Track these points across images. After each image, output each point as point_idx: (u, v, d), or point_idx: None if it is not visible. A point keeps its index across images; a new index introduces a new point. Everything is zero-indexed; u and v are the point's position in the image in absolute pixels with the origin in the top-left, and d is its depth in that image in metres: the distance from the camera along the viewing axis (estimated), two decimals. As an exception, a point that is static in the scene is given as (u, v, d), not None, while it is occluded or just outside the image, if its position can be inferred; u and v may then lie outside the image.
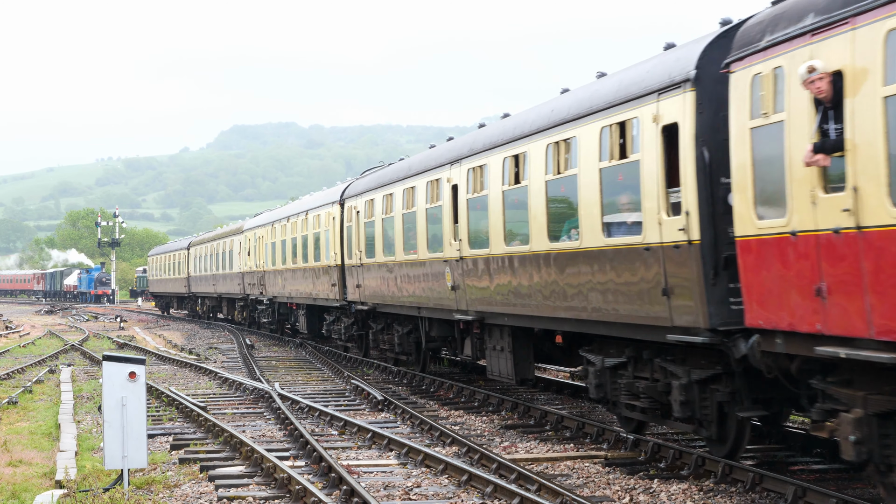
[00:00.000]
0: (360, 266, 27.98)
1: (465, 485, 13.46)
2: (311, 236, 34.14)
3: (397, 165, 26.58)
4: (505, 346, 19.28)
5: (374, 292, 26.71)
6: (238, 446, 16.23)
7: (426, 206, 22.37)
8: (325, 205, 32.43)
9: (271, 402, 21.60)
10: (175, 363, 33.45)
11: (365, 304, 27.88)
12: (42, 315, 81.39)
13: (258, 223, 45.04)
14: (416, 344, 25.31)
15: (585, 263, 15.13)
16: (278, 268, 39.78)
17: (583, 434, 17.00)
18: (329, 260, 31.37)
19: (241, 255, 48.06)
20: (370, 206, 27.04)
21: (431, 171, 22.27)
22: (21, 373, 31.46)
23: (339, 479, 13.43)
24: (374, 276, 26.67)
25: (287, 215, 38.93)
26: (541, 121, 16.93)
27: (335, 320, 33.00)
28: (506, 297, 18.28)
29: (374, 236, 26.53)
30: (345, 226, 29.85)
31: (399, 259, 24.30)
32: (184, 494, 13.47)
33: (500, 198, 18.32)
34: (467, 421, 19.43)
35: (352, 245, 28.80)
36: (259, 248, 43.75)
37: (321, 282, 32.59)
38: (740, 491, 12.70)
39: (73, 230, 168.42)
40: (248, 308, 49.68)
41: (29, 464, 16.23)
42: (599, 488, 13.30)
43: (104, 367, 13.98)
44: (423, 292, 22.69)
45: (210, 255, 57.20)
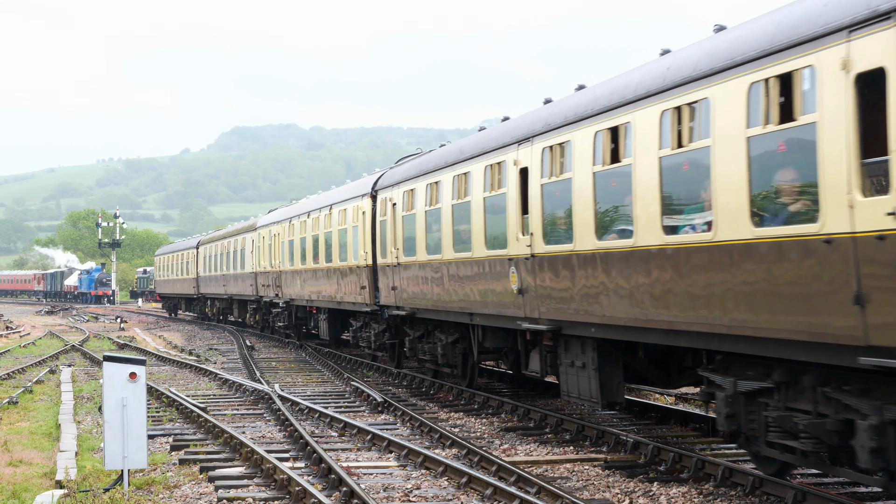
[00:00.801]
0: (395, 266, 24.78)
1: (464, 487, 13.47)
2: (335, 233, 31.19)
3: (444, 149, 23.18)
4: (587, 361, 16.03)
5: (414, 296, 23.56)
6: (238, 447, 16.24)
7: (484, 195, 19.17)
8: (354, 198, 29.27)
9: (271, 404, 21.61)
10: (175, 364, 33.45)
11: (401, 309, 24.77)
12: (42, 315, 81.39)
13: (273, 219, 42.02)
14: (463, 355, 22.37)
15: (719, 262, 11.87)
16: (296, 268, 36.82)
17: (582, 437, 17.00)
18: (357, 259, 28.40)
19: (254, 255, 45.40)
20: (410, 197, 23.74)
21: (491, 153, 18.95)
22: (21, 373, 31.46)
23: (338, 480, 13.43)
24: (413, 278, 23.48)
25: (307, 210, 35.64)
26: (651, 81, 13.60)
27: (363, 326, 30.19)
28: (593, 304, 14.99)
29: (414, 232, 23.27)
30: (377, 221, 26.53)
31: (447, 258, 21.06)
32: (184, 495, 13.47)
33: (590, 182, 14.90)
34: (467, 423, 19.44)
35: (386, 242, 25.55)
36: (275, 246, 40.82)
37: (347, 284, 29.68)
38: (740, 495, 12.70)
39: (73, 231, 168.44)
40: (262, 311, 47.04)
41: (29, 464, 16.23)
42: (599, 491, 13.30)
43: (105, 368, 13.99)
44: (478, 296, 19.62)
45: (220, 254, 54.38)
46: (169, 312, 76.09)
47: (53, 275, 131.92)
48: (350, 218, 29.37)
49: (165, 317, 73.29)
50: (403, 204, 24.14)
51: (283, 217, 40.05)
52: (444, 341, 22.71)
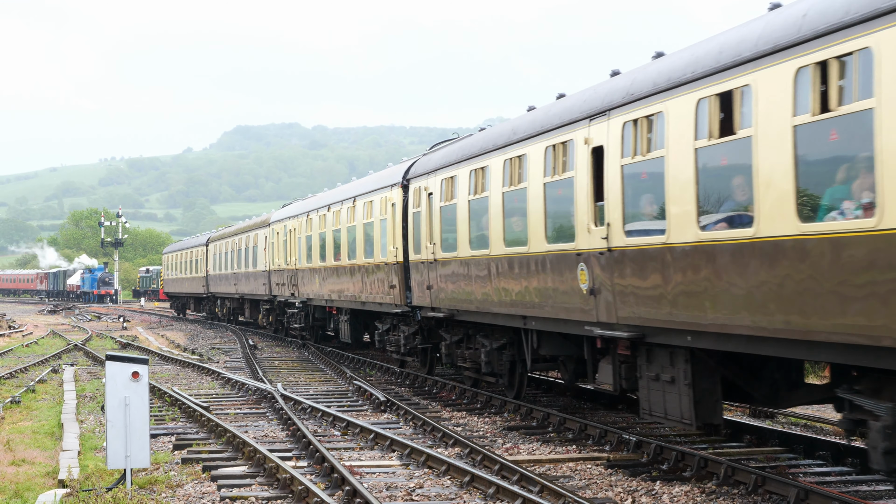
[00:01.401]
0: (431, 263, 22.39)
1: (467, 486, 13.46)
2: (359, 228, 28.77)
3: (491, 131, 20.35)
4: (678, 375, 13.56)
5: (453, 296, 21.13)
6: (241, 446, 16.24)
7: (544, 181, 16.60)
8: (381, 189, 26.76)
9: (274, 403, 21.61)
10: (178, 363, 33.46)
11: (438, 311, 22.31)
12: (45, 315, 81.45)
13: (289, 214, 39.41)
14: (511, 363, 20.04)
15: (886, 255, 9.50)
16: (315, 266, 34.29)
17: (585, 436, 17.00)
18: (385, 256, 26.02)
19: (267, 252, 42.81)
20: (449, 185, 21.27)
21: (553, 132, 16.37)
22: (24, 372, 31.48)
23: (341, 479, 13.43)
24: (453, 276, 21.04)
25: (327, 203, 33.13)
26: (782, 33, 11.04)
27: (391, 329, 27.72)
28: (692, 308, 12.55)
29: (455, 224, 20.83)
30: (409, 213, 24.18)
31: (496, 253, 18.64)
32: (186, 494, 13.47)
33: (690, 160, 12.41)
34: (470, 422, 19.43)
35: (420, 237, 23.14)
36: (290, 242, 38.29)
37: (373, 282, 27.24)
38: (742, 493, 12.70)
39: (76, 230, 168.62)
40: (276, 311, 44.38)
41: (32, 463, 16.24)
42: (602, 490, 13.30)
43: (107, 367, 13.98)
44: (535, 297, 17.09)
45: (231, 251, 51.90)
46: (177, 312, 74.15)
47: (56, 274, 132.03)
48: (377, 210, 27.02)
49: (168, 316, 73.26)
50: (441, 193, 21.78)
51: (299, 211, 37.49)
52: (488, 347, 20.37)
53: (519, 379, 20.22)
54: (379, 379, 27.19)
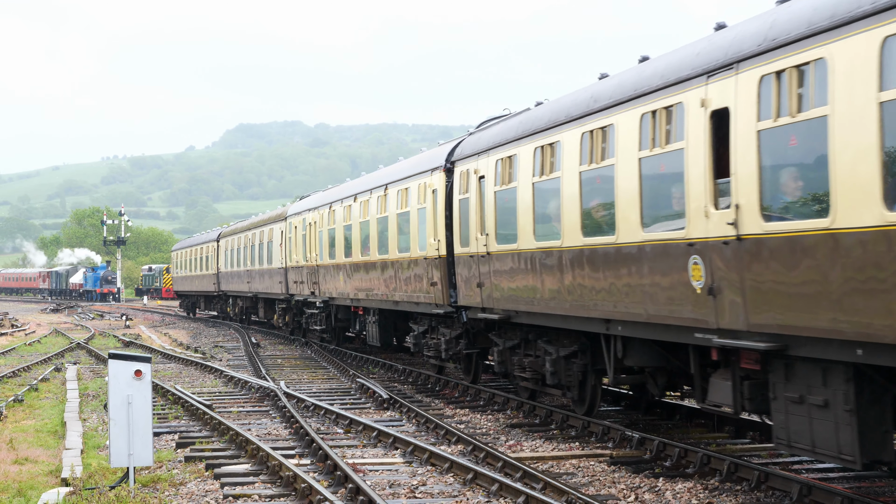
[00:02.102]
0: (483, 257, 19.63)
1: (470, 483, 13.46)
2: (392, 219, 25.90)
3: (562, 100, 17.28)
4: (834, 398, 10.76)
5: (511, 295, 18.45)
6: (244, 444, 16.25)
7: (640, 155, 13.78)
8: (419, 174, 23.84)
9: (277, 401, 21.62)
10: (181, 361, 33.48)
11: (490, 312, 19.61)
12: (48, 313, 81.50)
13: (308, 206, 36.43)
14: (582, 373, 17.38)
15: None
16: (338, 262, 31.30)
17: (588, 433, 16.99)
18: (424, 250, 23.17)
19: (284, 247, 39.95)
20: (507, 166, 18.51)
21: (651, 95, 13.58)
22: (27, 371, 31.50)
23: (344, 477, 13.44)
24: (512, 272, 18.40)
25: (352, 193, 30.25)
26: None
27: (428, 332, 24.86)
28: (872, 313, 9.79)
29: (514, 212, 18.06)
30: (455, 200, 21.31)
31: (570, 244, 15.79)
32: (189, 492, 13.48)
33: (873, 117, 9.62)
34: (473, 419, 19.43)
35: (469, 226, 20.31)
36: (310, 237, 35.28)
37: (409, 279, 24.49)
38: (745, 489, 12.69)
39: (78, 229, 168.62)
40: (293, 311, 41.38)
41: (35, 462, 16.25)
42: (605, 487, 13.30)
43: (110, 366, 13.99)
44: (624, 296, 14.24)
45: (244, 247, 49.00)
46: (187, 311, 71.66)
47: (59, 273, 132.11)
48: (414, 199, 24.16)
49: (171, 314, 73.25)
50: (496, 176, 18.94)
51: (320, 203, 34.55)
52: (554, 355, 17.64)
53: (591, 392, 17.39)
54: (381, 377, 27.19)
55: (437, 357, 24.10)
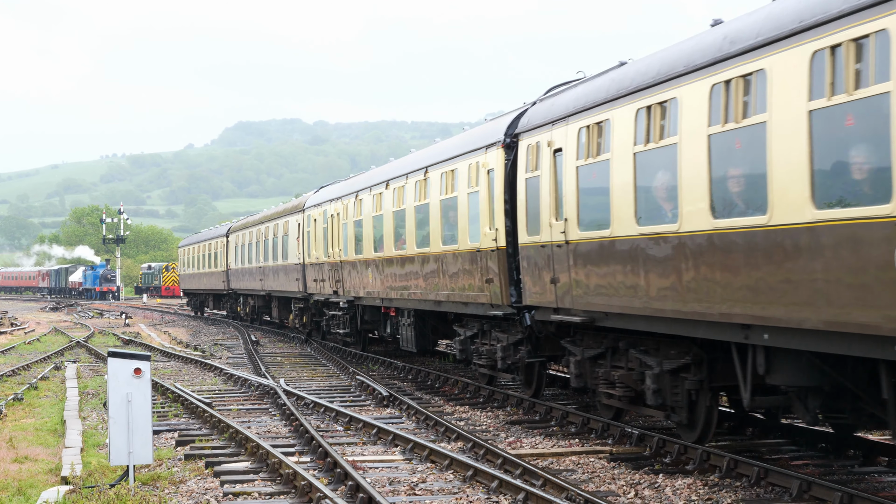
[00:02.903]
0: (561, 247, 16.33)
1: (470, 480, 13.47)
2: (435, 206, 22.50)
3: (676, 48, 13.95)
4: None
5: (600, 292, 15.18)
6: (243, 442, 16.25)
7: (809, 107, 10.54)
8: (470, 153, 20.54)
9: (276, 399, 21.62)
10: (180, 360, 33.48)
11: (570, 314, 16.34)
12: (47, 312, 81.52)
13: (330, 196, 33.24)
14: (695, 392, 14.13)
15: None
16: (367, 257, 28.10)
17: (588, 429, 16.99)
18: (477, 241, 20.04)
19: (301, 242, 36.81)
20: (594, 135, 15.24)
21: (826, 26, 10.33)
22: (26, 369, 31.50)
23: (344, 474, 13.44)
24: (601, 264, 15.13)
25: (384, 179, 26.85)
26: None
27: (479, 336, 21.62)
28: None
29: (606, 190, 14.79)
30: (520, 180, 18.07)
31: (694, 228, 12.61)
32: (189, 490, 13.49)
33: None
34: (472, 416, 19.44)
35: (539, 211, 17.10)
36: (333, 230, 32.10)
37: (457, 276, 21.31)
38: (745, 486, 12.70)
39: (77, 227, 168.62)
40: (311, 312, 38.14)
41: (34, 460, 16.25)
42: (605, 483, 13.30)
43: (109, 364, 13.99)
44: (782, 295, 11.14)
45: (256, 242, 45.97)
46: (195, 311, 68.72)
47: (58, 271, 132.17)
48: (462, 182, 20.96)
49: (171, 312, 73.23)
50: (580, 148, 15.78)
51: (344, 192, 31.21)
52: (655, 368, 14.52)
53: (706, 415, 14.13)
54: (381, 374, 27.19)
55: (491, 366, 20.98)
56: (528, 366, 19.77)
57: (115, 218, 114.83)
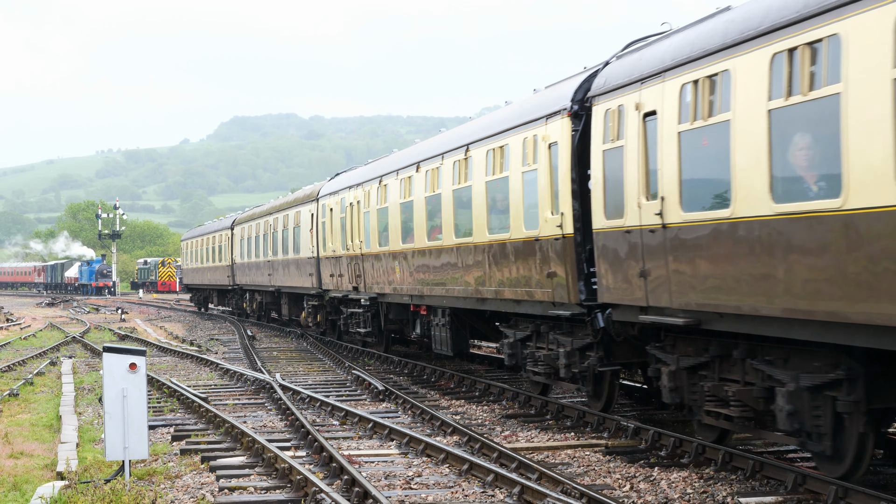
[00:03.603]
0: (653, 232, 13.56)
1: (465, 474, 13.48)
2: (479, 189, 19.73)
3: None
4: None
5: (714, 286, 12.36)
6: (239, 437, 16.26)
7: None
8: (525, 125, 17.63)
9: (272, 393, 21.62)
10: (176, 355, 33.48)
11: (661, 313, 13.70)
12: (43, 307, 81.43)
13: (348, 183, 30.37)
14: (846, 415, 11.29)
15: None
16: (393, 249, 25.47)
17: (583, 423, 17.00)
18: (536, 228, 17.22)
19: (315, 234, 34.12)
20: (703, 92, 12.47)
21: None
22: (22, 365, 31.48)
23: (340, 468, 13.45)
24: (715, 252, 12.28)
25: (414, 162, 23.90)
26: None
27: (532, 338, 18.71)
28: None
29: (723, 158, 11.99)
30: (597, 153, 15.05)
31: (864, 204, 9.92)
32: (185, 485, 13.49)
33: None
34: (468, 410, 19.45)
35: (624, 189, 14.13)
36: (352, 220, 29.34)
37: (508, 269, 18.50)
38: (741, 479, 12.72)
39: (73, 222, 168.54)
40: (326, 309, 35.20)
41: (30, 455, 16.25)
42: (600, 476, 13.32)
43: (105, 359, 13.98)
44: None
45: (263, 234, 43.38)
46: (198, 306, 65.57)
47: (54, 266, 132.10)
48: (515, 159, 18.13)
49: (167, 308, 73.16)
50: (682, 109, 13.01)
51: (366, 177, 28.38)
52: (789, 384, 11.68)
53: (857, 445, 11.32)
54: (377, 368, 27.20)
55: (550, 374, 18.15)
56: (598, 375, 16.92)
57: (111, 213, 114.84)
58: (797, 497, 11.67)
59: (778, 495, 11.80)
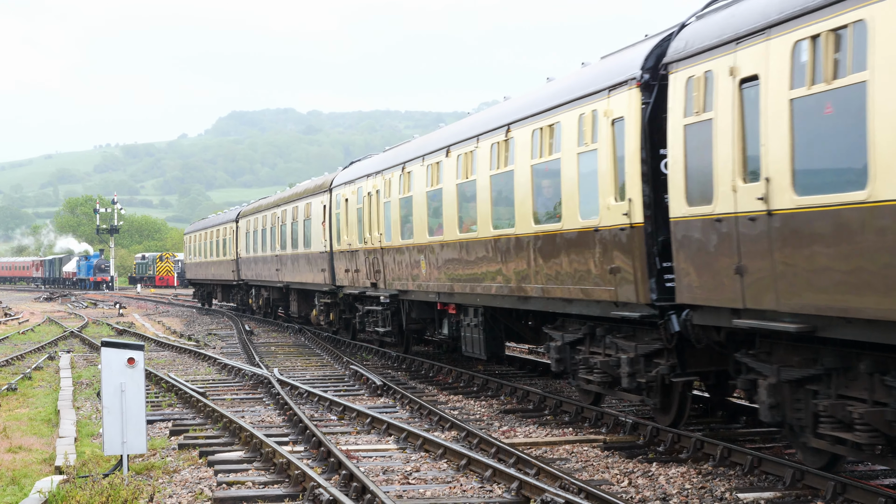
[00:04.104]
0: (754, 220, 11.43)
1: (463, 469, 13.48)
2: (524, 174, 17.49)
3: None
4: None
5: (834, 288, 10.28)
6: (237, 432, 16.25)
7: None
8: (581, 99, 15.47)
9: (270, 388, 21.62)
10: (174, 349, 33.47)
11: (763, 316, 11.59)
12: (41, 302, 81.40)
13: (365, 171, 28.32)
14: None
15: None
16: (418, 242, 23.20)
17: (581, 418, 17.01)
18: (595, 216, 15.11)
19: (329, 226, 32.06)
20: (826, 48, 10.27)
21: None
22: (20, 359, 31.48)
23: (338, 463, 13.45)
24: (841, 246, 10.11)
25: (442, 146, 21.61)
26: None
27: (585, 341, 16.52)
28: None
29: (861, 131, 9.75)
30: (676, 127, 12.97)
31: None
32: (183, 480, 13.49)
33: None
34: (466, 406, 19.45)
35: (714, 169, 12.09)
36: (370, 211, 27.13)
37: (559, 262, 16.28)
38: (739, 474, 12.73)
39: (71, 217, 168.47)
40: (339, 307, 32.97)
41: (28, 450, 16.25)
42: (598, 472, 13.32)
43: (103, 354, 13.99)
44: None
45: (271, 227, 41.70)
46: (201, 302, 63.25)
47: (52, 261, 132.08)
48: (569, 138, 15.84)
49: (165, 302, 73.14)
50: (794, 71, 10.79)
51: (386, 164, 26.22)
52: None
53: None
54: (375, 363, 27.20)
55: (607, 383, 16.01)
56: (667, 386, 14.86)
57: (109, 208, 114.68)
58: (795, 493, 11.68)
59: (776, 491, 11.81)
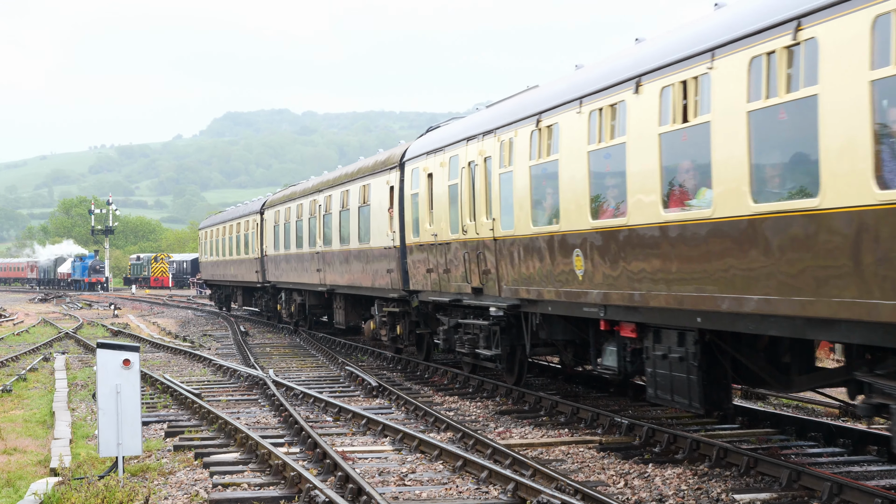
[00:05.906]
0: None
1: (459, 470, 13.46)
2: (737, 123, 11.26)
3: None
4: None
5: None
6: (233, 433, 16.23)
7: None
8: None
9: (266, 389, 21.59)
10: (169, 351, 33.42)
11: None
12: (36, 303, 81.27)
13: (464, 134, 20.36)
14: None
15: None
16: (570, 228, 15.56)
17: (577, 419, 17.00)
18: None
19: (398, 213, 24.60)
20: None
21: None
22: (15, 361, 31.41)
23: (333, 465, 13.43)
24: None
25: (631, 76, 13.67)
26: None
27: None
28: None
29: None
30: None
31: None
32: (179, 481, 13.46)
33: None
34: (462, 407, 19.43)
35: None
36: (476, 186, 19.46)
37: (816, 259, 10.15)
38: (735, 475, 12.72)
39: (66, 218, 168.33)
40: (412, 318, 25.03)
41: (23, 452, 16.21)
42: (594, 473, 13.31)
43: (98, 355, 13.95)
44: None
45: (308, 218, 34.05)
46: (219, 306, 56.63)
47: (46, 262, 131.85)
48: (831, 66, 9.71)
49: (160, 303, 73.00)
50: None
51: (505, 120, 18.35)
52: None
53: None
54: (371, 364, 27.17)
55: None
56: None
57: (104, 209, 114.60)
58: (792, 493, 11.68)
59: (772, 492, 11.81)
